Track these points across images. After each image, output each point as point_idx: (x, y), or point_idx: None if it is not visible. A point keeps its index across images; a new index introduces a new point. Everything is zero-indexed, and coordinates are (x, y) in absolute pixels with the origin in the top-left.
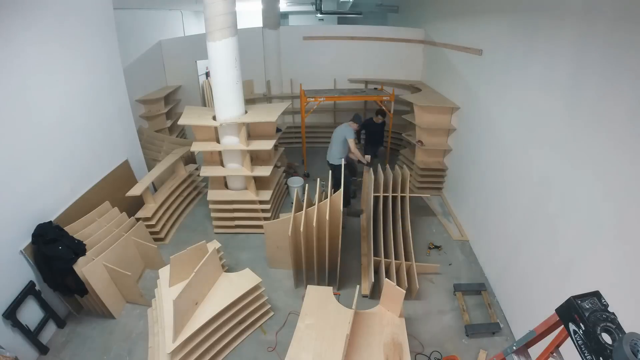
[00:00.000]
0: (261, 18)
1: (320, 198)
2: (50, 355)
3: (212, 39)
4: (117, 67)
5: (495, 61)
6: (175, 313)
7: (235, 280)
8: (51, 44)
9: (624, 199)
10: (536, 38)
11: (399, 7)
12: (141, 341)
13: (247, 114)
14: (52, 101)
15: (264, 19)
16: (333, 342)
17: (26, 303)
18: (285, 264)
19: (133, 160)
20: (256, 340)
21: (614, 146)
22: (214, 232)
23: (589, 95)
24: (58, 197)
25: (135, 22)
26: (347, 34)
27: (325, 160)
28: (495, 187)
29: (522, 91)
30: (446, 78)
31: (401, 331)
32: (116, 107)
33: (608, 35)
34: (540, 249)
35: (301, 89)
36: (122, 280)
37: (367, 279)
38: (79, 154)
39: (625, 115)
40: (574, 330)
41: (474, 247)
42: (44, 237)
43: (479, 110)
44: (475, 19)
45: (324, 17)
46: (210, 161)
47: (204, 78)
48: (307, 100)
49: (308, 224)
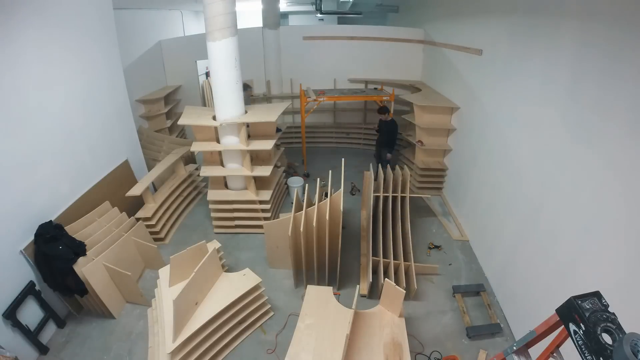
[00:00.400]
0: (261, 18)
1: (320, 198)
2: (50, 355)
3: (212, 39)
4: (117, 67)
5: (495, 61)
6: (175, 313)
7: (235, 280)
8: (51, 44)
9: (624, 199)
10: (536, 38)
11: (399, 7)
12: (141, 341)
13: (247, 114)
14: (52, 101)
15: (264, 19)
16: (333, 342)
17: (26, 303)
18: (285, 264)
19: (133, 160)
20: (256, 340)
21: (614, 145)
22: (214, 232)
23: (589, 95)
24: (58, 197)
25: (135, 22)
26: (347, 34)
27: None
28: (495, 186)
29: (521, 91)
30: (446, 78)
31: (401, 331)
32: (116, 107)
33: (607, 35)
34: (540, 249)
35: (301, 89)
36: (122, 280)
37: (366, 279)
38: (79, 154)
39: (625, 115)
40: (574, 330)
41: (473, 247)
42: (44, 235)
43: (479, 110)
44: (475, 19)
45: (324, 17)
46: (210, 161)
47: (204, 78)
48: (307, 100)
49: (308, 224)
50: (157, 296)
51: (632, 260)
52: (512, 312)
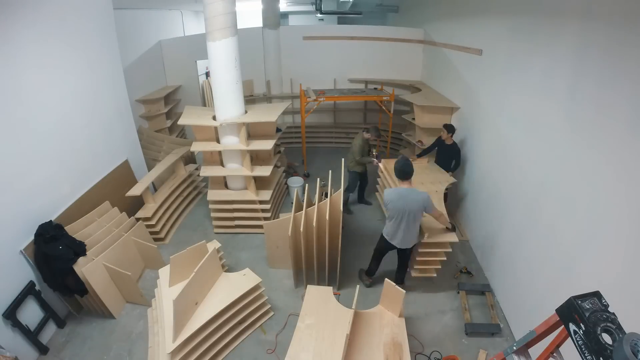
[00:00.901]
0: (261, 18)
1: (320, 198)
2: (50, 355)
3: (212, 38)
4: (117, 67)
5: (495, 61)
6: (175, 313)
7: (235, 280)
8: (51, 43)
9: (624, 199)
10: (536, 38)
11: (399, 7)
12: (141, 341)
13: (247, 114)
14: (52, 101)
15: (264, 19)
16: (333, 342)
17: (26, 303)
18: (285, 264)
19: (133, 160)
20: (256, 340)
21: (614, 145)
22: (214, 232)
23: (589, 95)
24: (58, 197)
25: (135, 22)
26: (347, 34)
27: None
28: (495, 186)
29: (522, 91)
30: (446, 78)
31: (401, 331)
32: (116, 107)
33: (608, 35)
34: (540, 249)
35: (301, 89)
36: (122, 280)
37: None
38: (79, 154)
39: (625, 115)
40: (574, 330)
41: (473, 247)
42: (44, 235)
43: (479, 110)
44: (475, 19)
45: (324, 17)
46: (210, 161)
47: (204, 78)
48: (307, 100)
49: (308, 224)
50: (157, 296)
51: (632, 260)
52: (512, 312)
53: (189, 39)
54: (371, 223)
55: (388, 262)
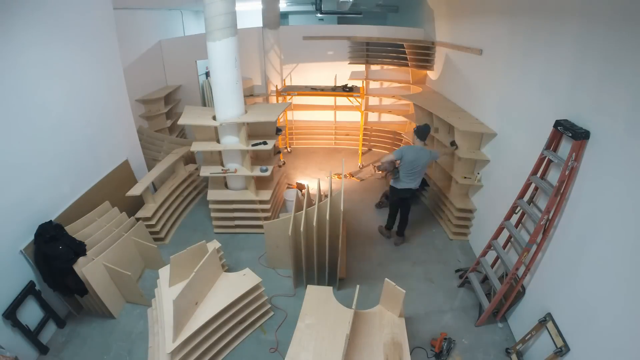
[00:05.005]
0: (261, 18)
1: (321, 198)
2: (50, 355)
3: (212, 38)
4: (117, 67)
5: (495, 61)
6: (175, 313)
7: (235, 280)
8: (51, 43)
9: (624, 199)
10: (536, 38)
11: (399, 7)
12: (141, 341)
13: (247, 114)
14: (52, 101)
15: (264, 19)
16: (333, 342)
17: (26, 303)
18: (285, 264)
19: (133, 160)
20: (256, 340)
21: (614, 145)
22: (214, 232)
23: (589, 95)
24: (58, 197)
25: (135, 22)
26: (347, 34)
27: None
28: (493, 185)
29: (522, 90)
30: (446, 78)
31: (401, 331)
32: (116, 107)
33: (608, 35)
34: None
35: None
36: (122, 280)
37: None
38: (79, 154)
39: (625, 116)
40: None
41: (473, 247)
42: (44, 235)
43: (479, 110)
44: (475, 19)
45: (324, 17)
46: (210, 161)
47: (204, 78)
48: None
49: (308, 224)
50: (157, 296)
51: (633, 260)
52: (512, 312)
53: (189, 39)
54: (371, 223)
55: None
